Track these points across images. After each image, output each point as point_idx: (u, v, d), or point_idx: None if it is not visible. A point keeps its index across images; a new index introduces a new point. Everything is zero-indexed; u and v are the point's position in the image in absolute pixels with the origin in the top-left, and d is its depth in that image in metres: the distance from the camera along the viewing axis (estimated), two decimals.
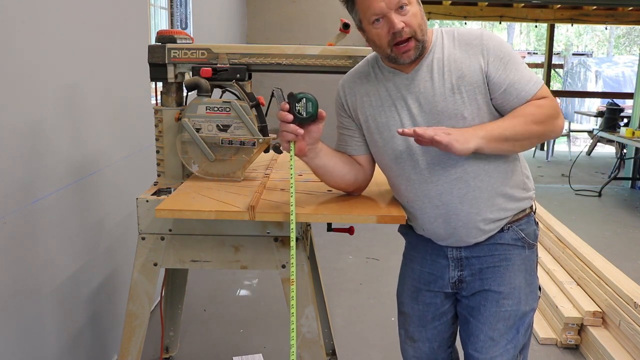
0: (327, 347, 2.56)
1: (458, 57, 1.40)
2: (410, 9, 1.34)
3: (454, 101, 1.39)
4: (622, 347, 2.55)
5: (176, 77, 1.82)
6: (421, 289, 1.61)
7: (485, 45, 1.39)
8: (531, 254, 1.55)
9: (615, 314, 2.65)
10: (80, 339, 2.14)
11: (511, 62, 1.39)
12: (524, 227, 1.51)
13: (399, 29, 1.32)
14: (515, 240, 1.51)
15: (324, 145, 1.47)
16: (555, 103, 1.42)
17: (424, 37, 1.37)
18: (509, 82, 1.38)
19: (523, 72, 1.39)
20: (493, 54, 1.38)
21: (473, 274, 1.52)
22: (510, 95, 1.39)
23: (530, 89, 1.39)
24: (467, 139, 1.32)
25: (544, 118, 1.38)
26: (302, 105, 1.35)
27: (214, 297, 3.25)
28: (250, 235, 1.65)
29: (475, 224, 1.46)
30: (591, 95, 14.25)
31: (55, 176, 1.90)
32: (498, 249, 1.50)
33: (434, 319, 1.62)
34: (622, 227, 4.95)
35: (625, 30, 23.04)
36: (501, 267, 1.51)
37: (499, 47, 1.39)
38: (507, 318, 1.51)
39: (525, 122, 1.37)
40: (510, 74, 1.38)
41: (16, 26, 1.65)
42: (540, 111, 1.38)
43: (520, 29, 25.51)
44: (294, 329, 1.33)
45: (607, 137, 6.52)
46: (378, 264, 3.84)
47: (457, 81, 1.39)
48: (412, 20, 1.34)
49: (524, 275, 1.52)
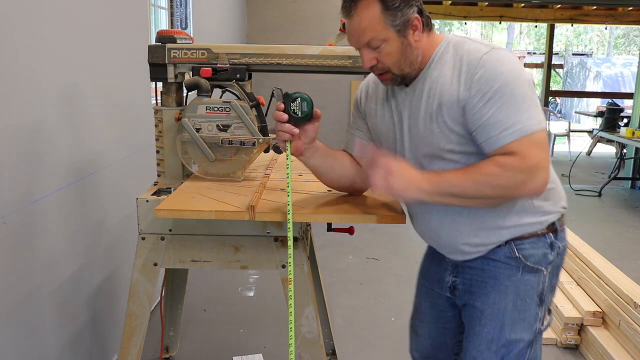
0: (327, 347, 2.55)
1: (446, 80, 1.27)
2: (385, 47, 1.26)
3: (431, 130, 1.30)
4: (622, 347, 2.55)
5: (176, 77, 1.81)
6: (427, 285, 1.61)
7: (477, 74, 1.23)
8: (530, 278, 1.36)
9: (615, 314, 2.65)
10: (80, 339, 2.14)
11: (496, 100, 1.20)
12: (526, 247, 1.35)
13: (366, 67, 1.30)
14: (508, 258, 1.36)
15: (321, 144, 1.47)
16: (528, 163, 1.18)
17: (402, 71, 1.30)
18: (482, 122, 1.22)
19: (506, 114, 1.20)
20: (478, 86, 1.22)
21: (464, 283, 1.45)
22: (480, 137, 1.24)
23: (502, 137, 1.20)
24: (406, 189, 1.24)
25: (503, 183, 1.20)
26: (297, 105, 1.35)
27: (214, 297, 3.25)
28: (250, 235, 1.65)
29: (457, 246, 1.40)
30: (591, 95, 14.26)
31: (55, 176, 1.90)
32: (489, 264, 1.38)
33: (437, 319, 1.59)
34: (622, 227, 4.95)
35: (624, 30, 23.04)
36: (488, 285, 1.39)
37: (491, 79, 1.21)
38: (490, 341, 1.38)
39: (477, 183, 1.22)
40: (487, 113, 1.21)
41: (16, 26, 1.65)
42: (500, 173, 1.20)
43: (520, 29, 25.51)
44: (293, 329, 1.33)
45: (607, 137, 6.52)
46: (378, 264, 3.84)
47: (436, 109, 1.28)
48: (385, 59, 1.28)
49: (513, 298, 1.36)
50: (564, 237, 1.43)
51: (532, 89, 1.25)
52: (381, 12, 1.24)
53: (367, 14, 1.25)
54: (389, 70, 1.31)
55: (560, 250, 1.40)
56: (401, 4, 1.24)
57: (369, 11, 1.24)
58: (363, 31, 1.27)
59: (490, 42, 1.31)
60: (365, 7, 1.25)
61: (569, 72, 17.44)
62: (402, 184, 1.24)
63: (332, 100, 5.89)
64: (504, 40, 26.51)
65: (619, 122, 6.77)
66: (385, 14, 1.24)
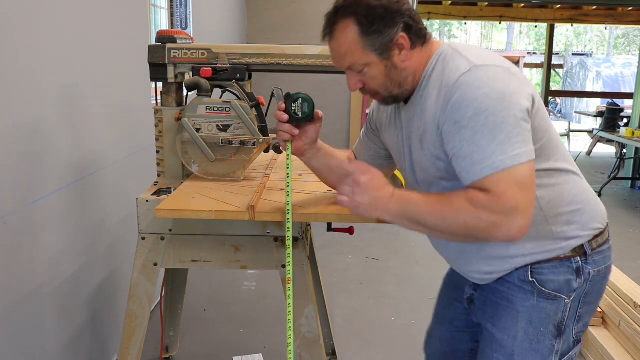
0: (327, 347, 2.56)
1: (431, 104, 1.16)
2: (368, 71, 1.19)
3: (421, 156, 1.23)
4: (622, 347, 2.55)
5: (176, 77, 1.82)
6: (448, 290, 1.54)
7: (452, 98, 1.10)
8: (546, 305, 1.23)
9: (615, 314, 2.65)
10: (80, 339, 2.14)
11: (469, 129, 1.07)
12: (544, 272, 1.22)
13: (352, 90, 1.25)
14: (522, 282, 1.23)
15: (324, 145, 1.46)
16: (501, 205, 1.04)
17: (391, 93, 1.23)
18: (455, 152, 1.11)
19: (479, 146, 1.06)
20: (451, 113, 1.10)
21: (480, 300, 1.34)
22: (456, 168, 1.12)
23: (473, 172, 1.08)
24: (371, 207, 1.13)
25: (470, 222, 1.07)
26: (298, 106, 1.35)
27: (214, 297, 3.25)
28: (250, 235, 1.65)
29: (468, 273, 1.33)
30: (591, 95, 14.27)
31: (55, 176, 1.90)
32: (504, 284, 1.26)
33: (450, 324, 1.51)
34: (622, 227, 4.94)
35: (624, 30, 23.05)
36: (500, 307, 1.27)
37: (464, 105, 1.08)
38: None
39: (444, 217, 1.10)
40: (460, 143, 1.09)
41: (16, 26, 1.65)
42: (469, 210, 1.06)
43: (520, 29, 25.53)
44: (291, 328, 1.33)
45: (607, 137, 6.52)
46: (378, 264, 3.84)
47: (422, 135, 1.20)
48: (370, 83, 1.21)
49: (524, 326, 1.24)
50: (600, 261, 1.26)
51: (518, 113, 1.07)
52: (359, 36, 1.16)
53: (344, 38, 1.17)
54: (377, 93, 1.24)
55: (590, 277, 1.24)
56: (381, 26, 1.15)
57: (347, 35, 1.17)
58: (342, 56, 1.20)
59: (481, 54, 1.15)
60: (343, 31, 1.17)
61: (569, 72, 17.45)
62: (367, 202, 1.13)
63: (332, 100, 5.88)
64: (504, 40, 26.52)
65: (619, 122, 6.78)
66: (364, 37, 1.16)
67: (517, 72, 1.15)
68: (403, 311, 3.11)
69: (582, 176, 1.29)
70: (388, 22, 1.15)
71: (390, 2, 1.16)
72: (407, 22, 1.17)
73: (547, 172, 1.19)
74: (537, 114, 1.15)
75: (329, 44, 1.23)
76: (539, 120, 1.15)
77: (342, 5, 1.18)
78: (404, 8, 1.17)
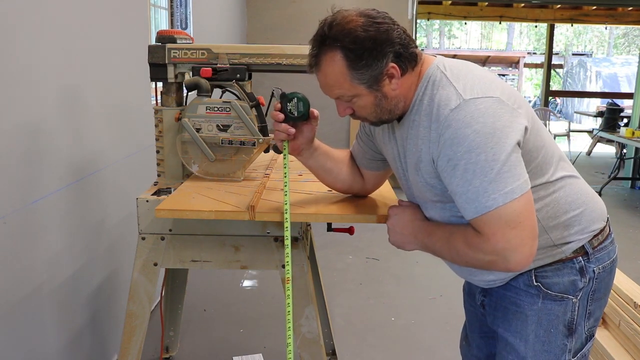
0: (327, 347, 2.56)
1: (424, 133, 1.15)
2: (357, 100, 1.18)
3: (416, 181, 1.24)
4: (622, 347, 2.55)
5: (176, 77, 1.82)
6: (466, 297, 1.54)
7: (444, 135, 1.09)
8: (553, 307, 1.24)
9: (615, 314, 2.64)
10: (80, 339, 2.14)
11: (460, 167, 1.07)
12: (548, 275, 1.22)
13: (341, 116, 1.24)
14: (527, 286, 1.24)
15: (321, 145, 1.46)
16: (493, 247, 1.07)
17: (381, 119, 1.22)
18: (451, 189, 1.12)
19: (471, 185, 1.06)
20: (444, 149, 1.10)
21: (490, 305, 1.35)
22: (456, 203, 1.14)
23: (467, 211, 1.10)
24: (406, 243, 1.31)
25: (470, 262, 1.15)
26: (294, 105, 1.35)
27: (214, 297, 3.25)
28: (250, 235, 1.65)
29: (473, 280, 1.35)
30: (591, 95, 14.27)
31: (55, 176, 1.90)
32: (510, 289, 1.28)
33: (480, 328, 1.49)
34: (622, 227, 4.94)
35: (624, 30, 23.06)
36: (510, 312, 1.28)
37: (456, 143, 1.07)
38: None
39: (452, 255, 1.20)
40: (454, 181, 1.10)
41: (16, 26, 1.65)
42: (467, 252, 1.13)
43: (520, 29, 25.53)
44: (291, 328, 1.33)
45: (607, 137, 6.52)
46: (378, 264, 3.84)
47: (417, 162, 1.20)
48: (359, 111, 1.21)
49: (534, 328, 1.25)
50: (604, 257, 1.26)
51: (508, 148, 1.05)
52: (347, 69, 1.13)
53: (331, 70, 1.14)
54: (367, 119, 1.24)
55: (595, 275, 1.24)
56: (369, 60, 1.11)
57: (333, 67, 1.14)
58: (330, 87, 1.18)
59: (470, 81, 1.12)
60: (329, 64, 1.14)
61: (568, 72, 17.46)
62: (399, 240, 1.31)
63: (332, 100, 5.87)
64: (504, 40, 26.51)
65: (619, 122, 6.77)
66: (352, 71, 1.13)
67: (508, 97, 1.11)
68: (403, 311, 3.11)
69: (578, 176, 1.29)
70: (377, 54, 1.11)
71: (378, 31, 1.11)
72: (397, 51, 1.13)
73: (544, 186, 1.20)
74: (531, 133, 1.14)
75: (315, 74, 1.19)
76: (533, 140, 1.15)
77: (328, 36, 1.13)
78: (393, 36, 1.13)
